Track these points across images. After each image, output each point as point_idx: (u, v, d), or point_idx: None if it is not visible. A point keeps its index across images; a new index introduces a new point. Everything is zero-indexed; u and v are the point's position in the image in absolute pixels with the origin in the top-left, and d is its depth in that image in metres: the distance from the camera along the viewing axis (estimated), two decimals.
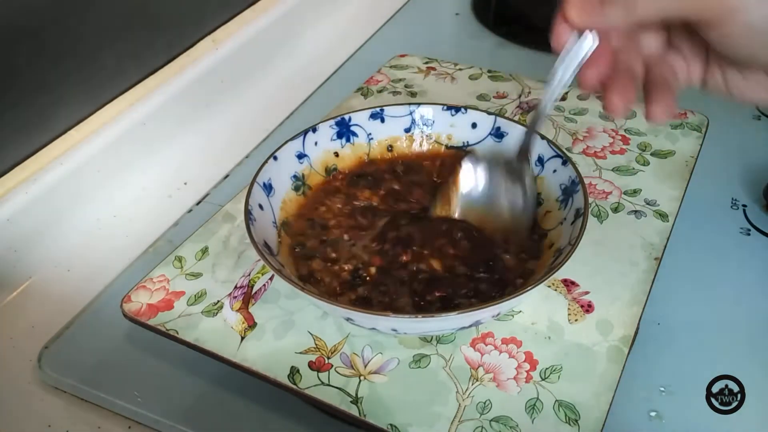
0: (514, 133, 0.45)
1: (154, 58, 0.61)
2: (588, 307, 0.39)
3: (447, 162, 0.46)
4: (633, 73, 0.35)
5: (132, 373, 0.43)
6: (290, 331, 0.39)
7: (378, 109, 0.46)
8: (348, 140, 0.46)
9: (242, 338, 0.38)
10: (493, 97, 0.57)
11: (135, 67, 0.59)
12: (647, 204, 0.46)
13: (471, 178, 0.42)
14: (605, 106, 0.35)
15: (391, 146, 0.47)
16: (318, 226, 0.43)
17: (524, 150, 0.41)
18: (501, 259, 0.40)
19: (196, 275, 0.42)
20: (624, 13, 0.31)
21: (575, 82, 0.35)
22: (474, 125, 0.46)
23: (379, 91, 0.59)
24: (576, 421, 0.34)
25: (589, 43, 0.34)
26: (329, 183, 0.45)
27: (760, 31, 0.30)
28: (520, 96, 0.57)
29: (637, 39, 0.36)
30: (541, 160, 0.43)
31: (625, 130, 0.52)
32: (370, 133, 0.47)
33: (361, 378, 0.36)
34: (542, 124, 0.39)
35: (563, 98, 0.56)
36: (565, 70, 0.35)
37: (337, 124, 0.46)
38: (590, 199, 0.46)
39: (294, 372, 0.37)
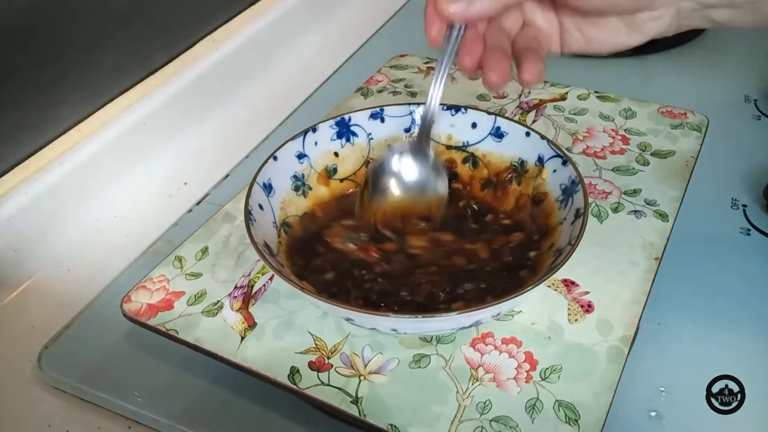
0: (514, 133, 0.45)
1: (154, 58, 0.61)
2: (588, 307, 0.39)
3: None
4: (503, 49, 0.38)
5: (132, 373, 0.43)
6: (290, 331, 0.39)
7: (378, 109, 0.46)
8: (348, 140, 0.46)
9: (242, 338, 0.38)
10: (493, 97, 0.57)
11: (135, 67, 0.59)
12: (647, 204, 0.46)
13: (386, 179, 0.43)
14: (485, 82, 0.38)
15: (391, 146, 0.47)
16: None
17: (422, 135, 0.42)
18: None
19: (196, 275, 0.42)
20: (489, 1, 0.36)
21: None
22: (474, 125, 0.46)
23: (379, 91, 0.59)
24: (576, 421, 0.34)
25: (457, 31, 0.38)
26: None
27: None
28: (520, 96, 0.57)
29: (500, 21, 0.40)
30: (541, 160, 0.43)
31: (625, 130, 0.52)
32: (370, 133, 0.47)
33: (361, 378, 0.36)
34: (434, 119, 0.42)
35: (563, 98, 0.56)
36: (444, 62, 0.39)
37: (337, 124, 0.46)
38: (590, 199, 0.46)
39: (294, 372, 0.37)
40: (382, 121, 0.47)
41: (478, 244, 0.42)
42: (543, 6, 0.40)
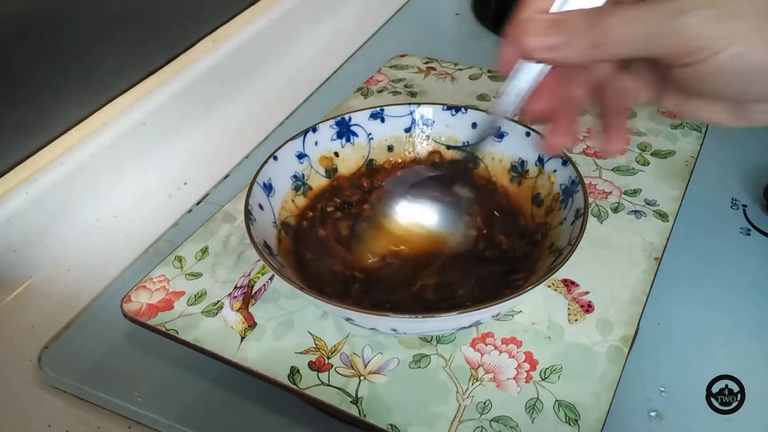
0: (515, 133, 0.45)
1: (154, 58, 0.61)
2: (588, 307, 0.39)
3: None
4: (574, 106, 0.34)
5: (132, 373, 0.43)
6: (290, 331, 0.39)
7: (378, 109, 0.46)
8: (348, 140, 0.46)
9: (242, 338, 0.38)
10: (493, 97, 0.57)
11: (135, 67, 0.59)
12: (647, 204, 0.46)
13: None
14: (545, 143, 0.35)
15: (391, 146, 0.47)
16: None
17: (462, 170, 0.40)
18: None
19: (196, 275, 0.42)
20: (589, 50, 0.28)
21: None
22: (474, 125, 0.46)
23: (379, 91, 0.59)
24: (576, 421, 0.34)
25: (538, 71, 0.31)
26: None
27: (729, 70, 0.28)
28: None
29: (590, 66, 0.34)
30: (541, 160, 0.43)
31: None
32: (370, 133, 0.47)
33: (361, 378, 0.36)
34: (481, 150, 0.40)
35: None
36: (510, 100, 0.33)
37: (337, 123, 0.46)
38: (590, 199, 0.46)
39: (294, 372, 0.37)
40: (383, 121, 0.47)
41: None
42: (651, 65, 0.32)
